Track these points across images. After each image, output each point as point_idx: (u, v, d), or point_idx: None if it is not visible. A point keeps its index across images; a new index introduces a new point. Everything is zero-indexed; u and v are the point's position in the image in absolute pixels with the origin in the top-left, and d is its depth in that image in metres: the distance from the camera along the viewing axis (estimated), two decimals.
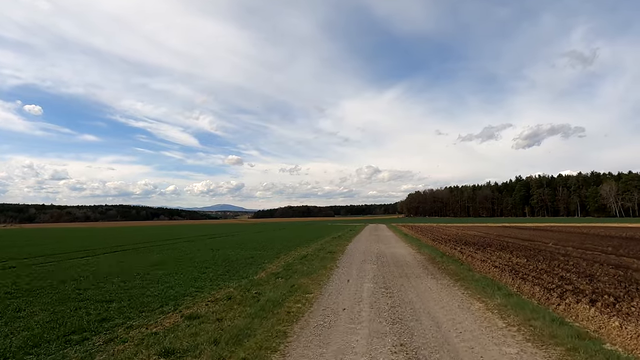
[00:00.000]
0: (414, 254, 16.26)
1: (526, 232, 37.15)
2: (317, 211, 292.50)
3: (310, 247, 20.33)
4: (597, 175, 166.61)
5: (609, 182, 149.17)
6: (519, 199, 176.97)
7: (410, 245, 21.01)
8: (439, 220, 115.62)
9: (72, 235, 41.34)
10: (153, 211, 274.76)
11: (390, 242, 23.29)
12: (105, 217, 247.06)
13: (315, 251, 17.78)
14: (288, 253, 17.88)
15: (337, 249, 18.39)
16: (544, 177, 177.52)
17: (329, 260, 13.90)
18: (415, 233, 35.79)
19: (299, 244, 23.35)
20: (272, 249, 19.82)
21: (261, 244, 22.94)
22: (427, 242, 24.03)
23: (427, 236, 30.42)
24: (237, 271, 12.07)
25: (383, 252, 16.93)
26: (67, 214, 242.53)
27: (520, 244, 23.01)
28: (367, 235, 33.27)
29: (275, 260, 14.93)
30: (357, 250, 17.96)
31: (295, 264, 13.21)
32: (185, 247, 21.97)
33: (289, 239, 28.64)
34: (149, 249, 20.74)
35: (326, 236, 31.29)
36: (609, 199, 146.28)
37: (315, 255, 15.97)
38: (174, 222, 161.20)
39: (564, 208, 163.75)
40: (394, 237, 29.03)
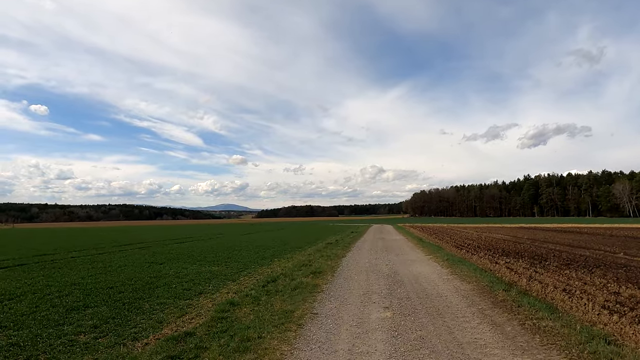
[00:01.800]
0: (447, 276, 10.13)
1: (560, 235, 30.90)
2: (321, 211, 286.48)
3: (293, 259, 14.35)
4: (609, 174, 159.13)
5: (621, 181, 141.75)
6: (527, 198, 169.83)
7: (433, 256, 14.87)
8: (446, 220, 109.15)
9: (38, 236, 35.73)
10: (156, 211, 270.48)
11: (404, 251, 17.19)
12: (108, 216, 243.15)
13: (295, 268, 11.79)
14: (257, 270, 11.94)
15: (327, 265, 12.30)
16: (554, 176, 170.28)
17: (305, 294, 7.90)
18: (429, 236, 29.67)
19: (282, 252, 17.36)
20: (239, 261, 13.89)
21: (232, 254, 16.97)
22: (452, 250, 17.96)
23: (446, 240, 24.32)
24: (125, 320, 6.09)
25: (397, 272, 10.83)
26: (70, 213, 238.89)
27: (578, 253, 16.88)
28: (371, 239, 27.19)
29: (221, 288, 8.97)
30: (357, 269, 11.84)
31: (243, 304, 7.23)
32: (119, 258, 15.95)
33: (274, 244, 22.66)
34: (52, 264, 14.82)
35: (322, 240, 25.30)
36: (622, 198, 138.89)
37: (291, 277, 9.99)
38: (170, 222, 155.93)
39: (575, 208, 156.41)
40: (405, 243, 22.90)
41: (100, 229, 63.23)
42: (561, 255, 15.68)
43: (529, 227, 50.10)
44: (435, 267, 11.75)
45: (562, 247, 20.18)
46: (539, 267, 12.29)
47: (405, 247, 19.20)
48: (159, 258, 15.45)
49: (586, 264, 12.94)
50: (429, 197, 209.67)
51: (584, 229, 41.53)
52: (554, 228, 45.00)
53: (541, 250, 17.86)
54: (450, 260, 13.00)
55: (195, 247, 20.59)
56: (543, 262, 13.51)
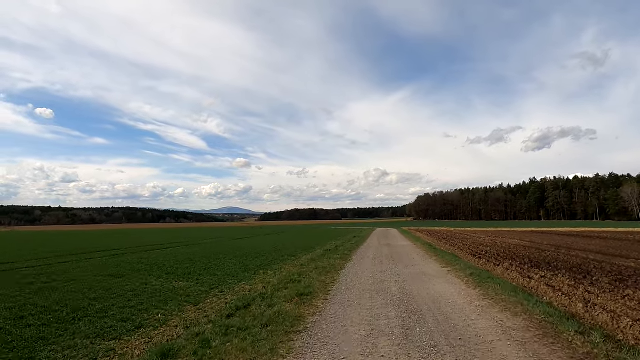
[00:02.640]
0: (478, 301, 7.49)
1: (583, 240, 28.14)
2: (324, 214, 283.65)
3: (281, 271, 11.80)
4: (616, 177, 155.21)
5: (630, 184, 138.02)
6: (533, 201, 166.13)
7: (451, 268, 12.19)
8: (450, 224, 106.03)
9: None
10: (159, 214, 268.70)
11: (414, 261, 14.53)
12: (111, 219, 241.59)
13: (280, 285, 9.21)
14: (232, 287, 9.43)
15: (319, 282, 9.64)
16: (560, 179, 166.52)
17: (279, 335, 5.27)
18: (438, 242, 27.00)
19: (271, 261, 14.79)
20: (216, 274, 11.37)
21: (213, 263, 14.43)
22: (469, 259, 15.32)
23: (458, 247, 21.65)
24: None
25: (410, 294, 8.17)
26: (73, 216, 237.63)
27: (620, 263, 14.18)
28: (375, 245, 24.56)
29: (172, 318, 6.43)
30: (358, 288, 9.17)
31: (181, 355, 4.73)
32: (77, 269, 13.38)
33: (266, 251, 20.10)
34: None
35: (320, 246, 22.73)
36: (631, 202, 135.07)
37: (269, 302, 7.41)
38: (170, 225, 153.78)
39: (582, 211, 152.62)
40: (414, 250, 20.23)
41: (95, 232, 60.94)
42: (603, 267, 13.00)
43: (542, 231, 47.22)
44: (458, 286, 9.12)
45: (595, 255, 17.48)
46: (588, 285, 9.67)
47: (415, 256, 16.57)
48: (124, 269, 12.91)
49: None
50: (433, 201, 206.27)
51: (603, 234, 38.67)
52: (569, 232, 42.15)
53: (575, 260, 15.18)
54: (475, 275, 10.38)
55: (176, 254, 18.08)
56: (588, 277, 10.87)
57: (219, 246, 23.25)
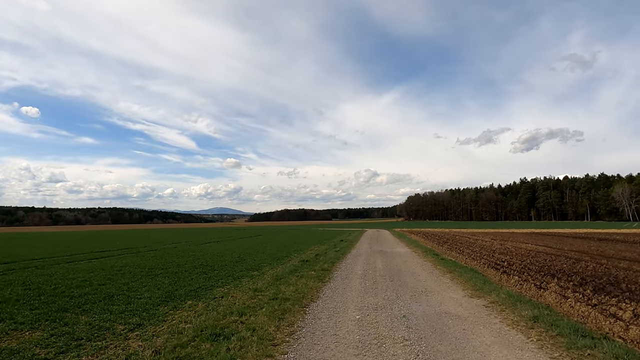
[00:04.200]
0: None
1: (604, 245, 23.92)
2: (314, 214, 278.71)
3: (219, 304, 7.10)
4: (606, 177, 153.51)
5: (621, 184, 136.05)
6: (524, 201, 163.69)
7: (495, 306, 7.49)
8: (441, 225, 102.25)
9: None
10: (147, 214, 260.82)
11: (425, 286, 9.72)
12: (97, 220, 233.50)
13: (193, 344, 4.64)
14: (97, 353, 4.75)
15: (265, 338, 5.01)
16: (550, 179, 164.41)
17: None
18: (438, 246, 22.43)
19: (216, 282, 9.95)
20: (107, 311, 6.65)
21: (115, 293, 9.68)
22: (498, 277, 10.77)
23: (468, 255, 17.14)
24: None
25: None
26: (57, 216, 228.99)
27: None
28: (366, 251, 19.88)
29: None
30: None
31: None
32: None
33: (223, 263, 15.28)
34: None
35: (299, 254, 18.03)
36: (622, 202, 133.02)
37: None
38: (152, 226, 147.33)
39: (573, 211, 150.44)
40: (417, 262, 15.43)
41: (69, 234, 55.28)
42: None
43: (546, 232, 43.18)
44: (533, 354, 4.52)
45: (637, 265, 13.10)
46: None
47: (421, 272, 11.93)
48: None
49: None
50: (424, 201, 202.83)
51: (613, 235, 34.73)
52: (576, 234, 38.13)
53: (623, 274, 10.74)
54: (543, 321, 5.78)
55: (91, 270, 13.14)
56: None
57: (170, 255, 18.36)
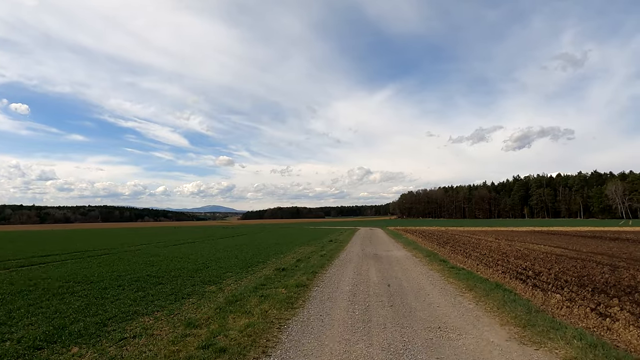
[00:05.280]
0: None
1: (628, 247, 21.14)
2: (307, 212, 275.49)
3: (122, 352, 4.05)
4: (599, 175, 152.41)
5: (614, 182, 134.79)
6: (517, 199, 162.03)
7: (546, 348, 4.64)
8: (435, 223, 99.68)
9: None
10: (138, 212, 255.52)
11: (446, 321, 6.86)
12: (86, 218, 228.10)
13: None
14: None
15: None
16: (543, 177, 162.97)
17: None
18: (440, 248, 19.35)
19: (148, 305, 6.85)
20: None
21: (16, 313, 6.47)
22: (517, 287, 7.78)
23: (478, 260, 14.12)
24: None
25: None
26: (46, 214, 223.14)
27: None
28: (357, 254, 16.75)
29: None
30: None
31: None
32: None
33: (184, 269, 12.06)
34: None
35: (277, 258, 14.87)
36: (615, 200, 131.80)
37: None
38: (139, 224, 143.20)
39: (566, 209, 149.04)
40: (423, 273, 12.18)
41: (43, 233, 51.54)
42: None
43: (547, 231, 40.50)
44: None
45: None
46: None
47: (430, 289, 8.78)
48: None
49: None
50: (417, 199, 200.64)
51: (622, 234, 32.10)
52: (581, 233, 35.46)
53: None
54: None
55: (4, 282, 9.85)
56: None
57: (121, 260, 15.06)
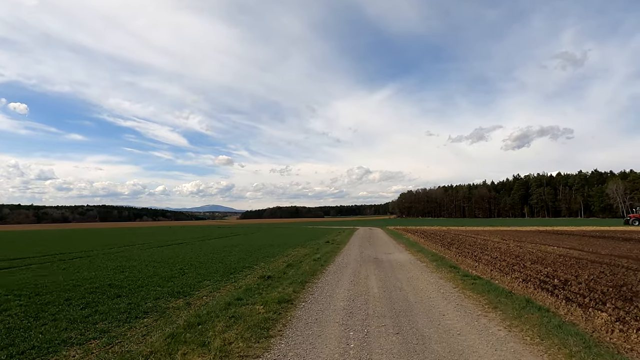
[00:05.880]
0: None
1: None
2: (306, 212, 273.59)
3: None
4: (599, 174, 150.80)
5: (615, 181, 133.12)
6: (517, 198, 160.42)
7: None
8: (435, 222, 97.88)
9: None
10: (136, 212, 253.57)
11: (454, 335, 5.02)
12: (85, 218, 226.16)
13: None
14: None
15: None
16: (544, 176, 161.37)
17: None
18: (445, 250, 17.50)
19: (111, 323, 5.17)
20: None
21: None
22: (546, 301, 5.98)
23: (487, 263, 12.35)
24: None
25: None
26: (44, 214, 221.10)
27: None
28: (355, 260, 14.91)
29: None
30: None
31: None
32: None
33: (154, 277, 10.23)
34: None
35: (266, 263, 13.03)
36: (616, 199, 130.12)
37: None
38: (140, 224, 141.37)
39: (566, 208, 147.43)
40: (432, 281, 10.29)
41: (30, 233, 49.71)
42: None
43: (552, 230, 38.70)
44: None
45: None
46: None
47: (444, 305, 6.96)
48: None
49: None
50: (417, 198, 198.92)
51: (633, 235, 30.31)
52: (589, 233, 33.66)
53: None
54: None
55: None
56: None
57: (90, 266, 13.23)
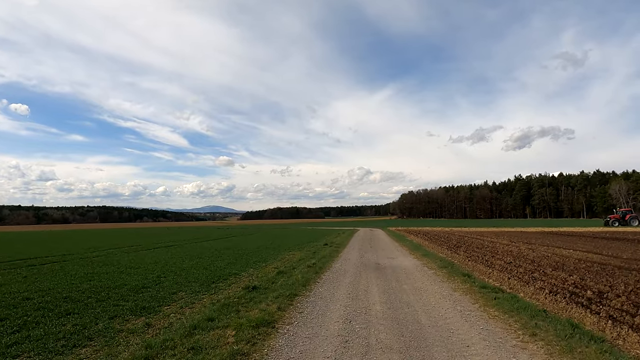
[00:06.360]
0: None
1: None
2: (307, 212, 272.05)
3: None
4: (602, 174, 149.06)
5: (618, 181, 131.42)
6: (519, 199, 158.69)
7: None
8: (437, 223, 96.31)
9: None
10: (137, 213, 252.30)
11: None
12: (85, 218, 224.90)
13: None
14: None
15: None
16: (546, 176, 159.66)
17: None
18: (452, 253, 15.99)
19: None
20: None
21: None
22: (587, 322, 4.55)
23: (501, 269, 10.87)
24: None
25: None
26: (44, 215, 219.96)
27: None
28: (355, 262, 13.41)
29: None
30: None
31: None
32: None
33: (117, 290, 8.81)
34: None
35: (254, 270, 11.56)
36: (619, 199, 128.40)
37: None
38: (140, 225, 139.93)
39: (569, 209, 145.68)
40: (446, 295, 8.72)
41: (29, 234, 48.34)
42: None
43: (558, 232, 37.14)
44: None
45: None
46: None
47: (467, 331, 5.49)
48: None
49: None
50: (418, 199, 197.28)
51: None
52: (599, 234, 32.09)
53: None
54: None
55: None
56: None
57: (53, 274, 11.81)
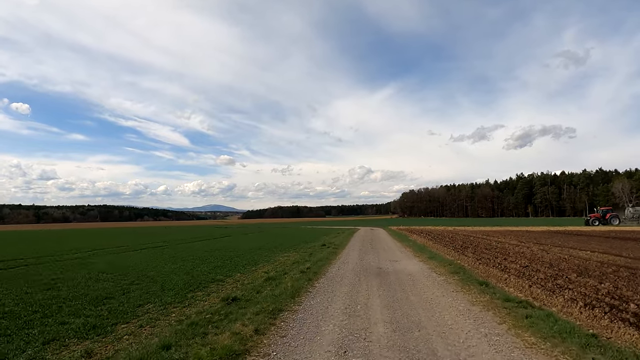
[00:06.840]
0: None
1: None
2: (308, 211, 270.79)
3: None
4: (604, 173, 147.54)
5: (620, 179, 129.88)
6: (521, 197, 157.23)
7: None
8: (438, 222, 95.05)
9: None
10: (137, 212, 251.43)
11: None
12: (85, 217, 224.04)
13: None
14: None
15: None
16: (547, 175, 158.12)
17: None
18: (461, 256, 14.71)
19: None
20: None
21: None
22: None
23: (519, 274, 9.61)
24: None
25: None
26: (44, 214, 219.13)
27: None
28: (354, 266, 12.08)
29: None
30: None
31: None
32: None
33: (73, 303, 7.59)
34: None
35: (242, 274, 10.31)
36: (622, 198, 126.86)
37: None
38: (140, 224, 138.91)
39: (571, 207, 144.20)
40: (464, 311, 7.34)
41: (23, 233, 47.21)
42: None
43: (564, 231, 35.82)
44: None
45: None
46: None
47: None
48: None
49: None
50: (419, 197, 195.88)
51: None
52: (606, 234, 30.77)
53: None
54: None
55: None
56: None
57: (18, 281, 10.60)
